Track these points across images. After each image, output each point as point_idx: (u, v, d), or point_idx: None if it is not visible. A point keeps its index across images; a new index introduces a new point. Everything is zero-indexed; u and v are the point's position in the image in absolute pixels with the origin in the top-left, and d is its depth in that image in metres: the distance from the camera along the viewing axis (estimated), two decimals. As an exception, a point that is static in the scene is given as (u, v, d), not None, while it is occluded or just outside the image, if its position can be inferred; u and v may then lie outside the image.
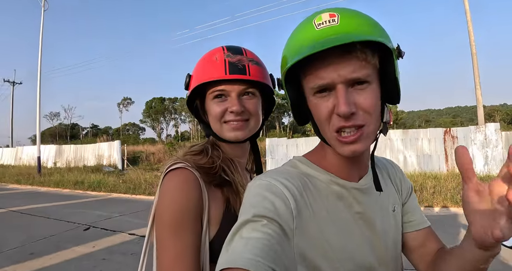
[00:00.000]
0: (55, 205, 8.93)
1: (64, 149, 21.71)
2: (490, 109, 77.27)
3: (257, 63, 0.97)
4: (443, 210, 6.90)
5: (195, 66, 1.00)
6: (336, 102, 0.59)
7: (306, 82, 0.64)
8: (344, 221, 0.68)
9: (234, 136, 0.94)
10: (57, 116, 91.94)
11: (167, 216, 0.81)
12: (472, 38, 12.40)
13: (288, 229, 0.59)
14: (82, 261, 4.42)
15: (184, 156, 0.92)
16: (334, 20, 0.60)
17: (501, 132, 9.65)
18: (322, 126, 0.65)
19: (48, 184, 13.63)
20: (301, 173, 0.70)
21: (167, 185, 0.85)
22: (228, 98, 0.94)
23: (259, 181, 0.66)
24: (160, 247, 0.81)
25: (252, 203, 0.61)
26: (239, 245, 0.53)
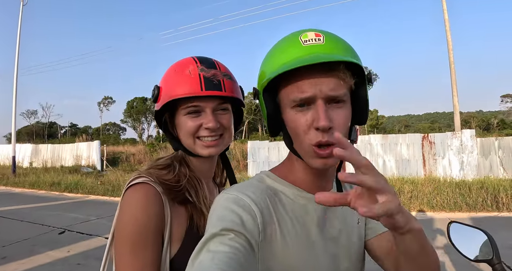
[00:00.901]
0: (30, 207, 8.66)
1: (40, 149, 21.03)
2: (467, 115, 79.64)
3: (230, 78, 0.96)
4: (420, 214, 7.05)
5: (165, 78, 0.96)
6: (316, 117, 0.61)
7: (287, 94, 0.65)
8: (309, 235, 0.70)
9: (207, 153, 0.94)
10: (34, 115, 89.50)
11: (125, 232, 0.79)
12: (450, 47, 12.74)
13: (254, 243, 0.60)
14: (56, 266, 4.31)
15: (148, 170, 0.90)
16: (320, 39, 0.65)
17: (476, 138, 9.94)
18: (298, 138, 0.66)
19: (23, 184, 13.19)
20: (268, 187, 0.71)
21: (127, 201, 0.83)
22: (203, 114, 0.92)
23: (226, 195, 0.67)
24: (118, 264, 0.79)
25: (219, 216, 0.62)
26: (206, 258, 0.53)
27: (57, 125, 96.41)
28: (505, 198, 7.16)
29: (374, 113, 77.73)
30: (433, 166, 10.23)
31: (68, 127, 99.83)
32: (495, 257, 0.91)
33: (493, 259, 0.91)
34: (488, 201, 7.18)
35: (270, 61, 0.69)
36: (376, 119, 75.90)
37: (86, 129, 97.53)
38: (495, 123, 76.05)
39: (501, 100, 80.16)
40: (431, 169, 10.24)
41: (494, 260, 0.91)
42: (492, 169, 9.65)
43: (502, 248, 3.38)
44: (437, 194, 7.72)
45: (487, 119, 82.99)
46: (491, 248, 0.93)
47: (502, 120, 76.61)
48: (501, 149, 9.68)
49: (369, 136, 11.38)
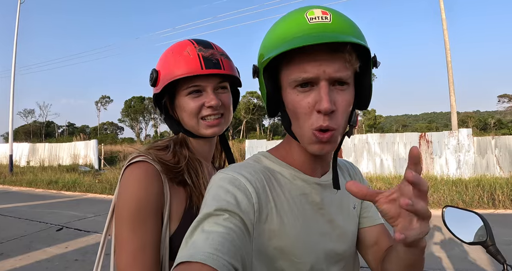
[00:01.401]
0: (27, 205, 8.63)
1: (38, 148, 20.93)
2: (464, 115, 79.83)
3: (227, 57, 0.97)
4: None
5: (161, 61, 0.96)
6: (319, 99, 0.60)
7: (288, 74, 0.63)
8: (306, 216, 0.69)
9: (211, 132, 0.94)
10: (31, 114, 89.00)
11: (125, 210, 0.80)
12: (447, 47, 12.79)
13: (249, 223, 0.60)
14: (54, 262, 4.31)
15: (147, 150, 0.91)
16: (327, 17, 0.61)
17: (473, 137, 9.98)
18: (297, 121, 0.64)
19: (20, 183, 13.15)
20: (264, 167, 0.71)
21: (127, 178, 0.84)
22: (204, 94, 0.93)
23: (222, 174, 0.66)
24: (118, 242, 0.80)
25: (214, 196, 0.61)
26: (200, 238, 0.53)
27: (54, 124, 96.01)
28: (501, 195, 7.21)
29: (372, 113, 77.83)
30: (430, 164, 10.26)
31: (65, 126, 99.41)
32: (489, 239, 0.93)
33: (487, 241, 0.93)
34: (485, 198, 7.23)
35: (273, 38, 0.65)
36: (374, 119, 76.00)
37: (83, 128, 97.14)
38: (492, 123, 76.31)
39: (498, 101, 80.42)
40: (428, 167, 10.27)
41: (488, 242, 0.93)
42: (489, 167, 9.69)
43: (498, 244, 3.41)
44: (433, 192, 7.76)
45: (484, 119, 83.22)
46: (485, 231, 0.95)
47: (499, 120, 76.90)
48: (497, 148, 9.72)
49: (367, 135, 11.40)
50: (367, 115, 77.19)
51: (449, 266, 3.86)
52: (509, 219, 6.17)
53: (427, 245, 0.75)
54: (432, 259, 4.02)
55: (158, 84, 0.95)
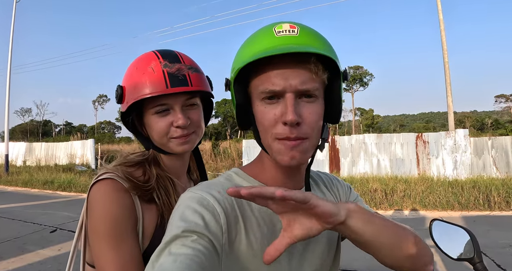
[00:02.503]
0: (22, 206, 8.58)
1: (34, 147, 20.82)
2: (461, 115, 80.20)
3: (196, 70, 0.93)
4: (412, 212, 7.08)
5: (127, 77, 0.92)
6: (284, 111, 0.60)
7: (256, 85, 0.63)
8: (276, 234, 0.66)
9: (182, 150, 0.92)
10: (28, 113, 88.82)
11: (102, 227, 0.78)
12: (444, 47, 12.80)
13: (217, 244, 0.58)
14: (47, 265, 4.27)
15: (116, 166, 0.88)
16: (294, 31, 0.62)
17: (470, 138, 9.99)
18: (264, 132, 0.64)
19: (16, 183, 13.07)
20: (234, 185, 0.69)
21: (95, 194, 0.82)
22: (172, 112, 0.89)
23: (190, 193, 0.64)
24: (100, 261, 0.77)
25: (181, 217, 0.59)
26: (167, 261, 0.51)
27: (51, 123, 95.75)
28: (497, 197, 7.21)
29: (370, 113, 78.01)
30: (427, 165, 10.27)
31: (62, 125, 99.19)
32: (477, 256, 0.90)
33: (474, 258, 0.90)
34: (480, 200, 7.22)
35: (243, 51, 0.66)
36: (372, 119, 76.19)
37: (81, 127, 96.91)
38: (489, 123, 76.63)
39: (495, 101, 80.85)
40: (425, 168, 10.28)
41: (476, 259, 0.90)
42: (485, 168, 9.71)
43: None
44: (429, 193, 7.76)
45: (481, 119, 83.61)
46: (472, 247, 0.92)
47: (496, 120, 77.24)
48: (494, 149, 9.74)
49: (364, 135, 11.40)
50: (365, 115, 77.37)
51: (443, 269, 3.86)
52: (504, 221, 6.17)
53: None
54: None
55: (124, 101, 0.92)
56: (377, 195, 7.93)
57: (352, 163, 11.15)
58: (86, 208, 0.84)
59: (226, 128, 73.24)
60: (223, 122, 74.76)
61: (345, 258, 4.56)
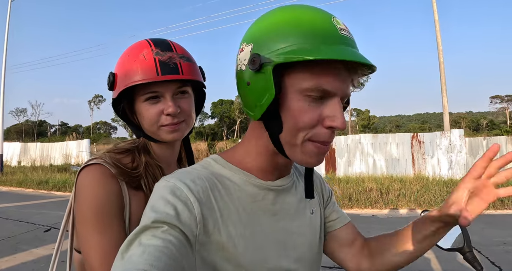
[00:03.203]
0: (16, 205, 8.53)
1: (29, 147, 20.68)
2: (457, 116, 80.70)
3: (188, 59, 0.92)
4: (407, 211, 7.11)
5: (119, 64, 0.92)
6: (332, 115, 0.57)
7: (299, 79, 0.56)
8: (257, 224, 0.66)
9: (171, 138, 0.91)
10: (23, 113, 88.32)
11: (88, 212, 0.77)
12: (440, 48, 12.87)
13: (190, 235, 0.56)
14: (40, 264, 4.25)
15: (104, 153, 0.88)
16: (349, 33, 0.59)
17: (465, 138, 10.05)
18: (295, 131, 0.58)
19: (10, 183, 12.97)
20: (212, 173, 0.66)
21: (83, 180, 0.81)
22: (162, 100, 0.89)
23: (164, 182, 0.62)
24: (85, 246, 0.77)
25: (153, 206, 0.57)
26: (136, 253, 0.50)
27: (46, 124, 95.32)
28: (491, 196, 7.24)
29: (366, 114, 78.28)
30: (422, 165, 10.32)
31: (58, 126, 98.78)
32: (466, 246, 0.91)
33: (464, 248, 0.91)
34: (475, 199, 7.26)
35: (300, 33, 0.55)
36: (368, 119, 76.47)
37: (76, 128, 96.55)
38: (484, 124, 77.14)
39: (490, 101, 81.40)
40: (420, 168, 10.33)
41: (465, 248, 0.90)
42: (480, 168, 9.76)
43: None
44: (425, 192, 7.79)
45: (476, 120, 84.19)
46: (462, 237, 0.92)
47: (491, 121, 77.82)
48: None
49: (360, 135, 11.43)
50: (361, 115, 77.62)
51: (438, 267, 3.87)
52: (498, 219, 6.21)
53: None
54: (421, 260, 4.02)
55: (115, 88, 0.91)
56: (372, 194, 7.96)
57: (348, 162, 11.18)
58: (74, 193, 0.84)
59: (223, 129, 73.18)
60: (220, 123, 74.71)
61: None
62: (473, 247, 0.93)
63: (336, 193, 7.99)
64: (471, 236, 0.94)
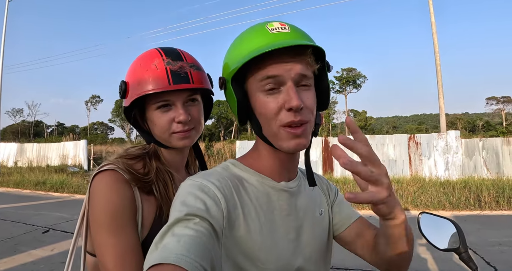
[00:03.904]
0: (14, 206, 8.50)
1: (26, 148, 20.58)
2: (453, 117, 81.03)
3: (197, 68, 0.96)
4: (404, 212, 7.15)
5: (130, 73, 0.95)
6: (288, 98, 0.64)
7: (255, 79, 0.67)
8: (272, 222, 0.71)
9: (183, 144, 0.95)
10: (20, 113, 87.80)
11: (102, 216, 0.81)
12: (436, 49, 12.96)
13: (218, 229, 0.61)
14: (39, 265, 4.25)
15: (117, 159, 0.91)
16: (285, 28, 0.68)
17: (461, 139, 10.12)
18: (268, 122, 0.68)
19: (7, 184, 12.93)
20: (232, 174, 0.73)
21: (97, 185, 0.85)
22: (173, 108, 0.93)
23: (191, 181, 0.68)
24: (100, 249, 0.80)
25: (184, 202, 0.62)
26: (172, 241, 0.54)
27: (43, 124, 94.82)
28: (487, 197, 7.32)
29: (363, 115, 78.40)
30: (419, 166, 10.38)
31: (55, 126, 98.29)
32: (462, 246, 0.94)
33: (460, 248, 0.94)
34: (471, 200, 7.33)
35: (238, 49, 0.69)
36: (365, 120, 76.57)
37: (73, 128, 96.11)
38: (481, 125, 77.49)
39: (486, 103, 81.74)
40: (417, 169, 10.38)
41: (461, 248, 0.94)
42: (476, 169, 9.84)
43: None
44: (421, 193, 7.85)
45: (472, 121, 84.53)
46: (458, 238, 0.96)
47: (487, 122, 78.17)
48: (485, 150, 9.87)
49: (357, 136, 11.44)
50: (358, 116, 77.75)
51: (434, 267, 3.91)
52: (494, 220, 6.27)
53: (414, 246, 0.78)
54: (417, 260, 4.07)
55: (127, 96, 0.95)
56: (369, 195, 7.98)
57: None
58: (88, 198, 0.87)
59: (220, 130, 73.12)
60: (217, 124, 74.64)
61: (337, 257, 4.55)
62: (469, 247, 0.96)
63: None
64: (467, 237, 0.98)
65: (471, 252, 4.49)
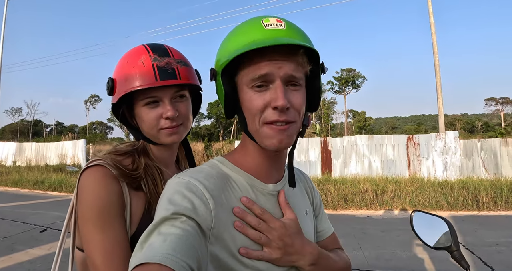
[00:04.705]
0: (12, 206, 8.48)
1: (25, 147, 20.52)
2: (452, 118, 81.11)
3: (185, 64, 0.96)
4: (402, 212, 7.16)
5: (117, 69, 0.95)
6: (274, 97, 0.63)
7: (245, 74, 0.66)
8: None
9: (171, 140, 0.95)
10: (18, 112, 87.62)
11: (90, 212, 0.81)
12: (435, 50, 12.98)
13: (206, 228, 0.60)
14: (36, 264, 4.24)
15: (105, 154, 0.91)
16: (281, 25, 0.67)
17: (460, 140, 10.12)
18: (252, 118, 0.67)
19: (5, 183, 12.90)
20: (220, 173, 0.71)
21: (85, 180, 0.85)
22: (161, 104, 0.92)
23: (178, 178, 0.67)
24: (88, 244, 0.80)
25: (171, 200, 0.61)
26: (157, 240, 0.53)
27: (42, 123, 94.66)
28: (485, 197, 7.33)
29: (362, 115, 78.44)
30: (417, 166, 10.38)
31: (53, 125, 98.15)
32: (454, 245, 0.94)
33: (451, 246, 0.94)
34: (469, 200, 7.34)
35: (231, 42, 0.68)
36: (364, 121, 76.61)
37: (72, 128, 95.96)
38: (479, 126, 77.57)
39: (485, 104, 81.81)
40: (416, 169, 10.38)
41: (453, 247, 0.94)
42: (475, 169, 9.85)
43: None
44: (419, 194, 7.85)
45: (471, 122, 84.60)
46: (450, 236, 0.96)
47: (486, 123, 78.29)
48: (483, 150, 9.88)
49: (355, 137, 11.46)
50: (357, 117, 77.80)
51: (431, 267, 3.92)
52: (492, 220, 6.28)
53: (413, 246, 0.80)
54: (414, 260, 4.08)
55: (114, 93, 0.94)
56: (367, 195, 8.00)
57: (344, 164, 11.22)
58: (76, 193, 0.87)
59: (219, 130, 73.04)
60: (216, 124, 74.58)
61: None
62: (467, 248, 0.96)
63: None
64: (464, 237, 0.98)
65: (469, 252, 4.51)
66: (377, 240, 5.07)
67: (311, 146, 11.45)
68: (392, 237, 5.12)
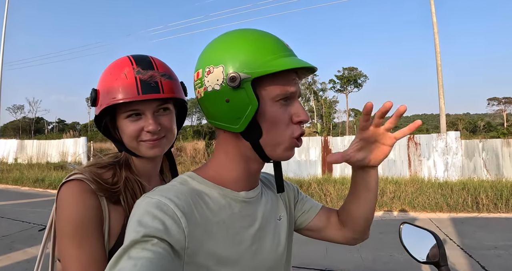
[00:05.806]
0: (11, 204, 8.51)
1: (26, 144, 20.57)
2: (454, 118, 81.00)
3: (169, 77, 0.94)
4: (401, 214, 7.14)
5: (101, 81, 0.94)
6: (296, 111, 0.70)
7: (272, 88, 0.67)
8: (236, 236, 0.69)
9: (152, 153, 0.93)
10: (20, 110, 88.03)
11: (67, 227, 0.80)
12: (437, 50, 12.93)
13: (179, 249, 0.58)
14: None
15: (85, 167, 0.90)
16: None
17: (461, 140, 10.08)
18: (278, 131, 0.68)
19: (6, 181, 12.93)
20: (191, 189, 0.69)
21: (63, 195, 0.84)
22: (143, 117, 0.91)
23: (148, 198, 0.63)
24: (65, 259, 0.80)
25: (140, 222, 0.58)
26: (128, 265, 0.51)
27: (44, 121, 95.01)
28: (485, 199, 7.30)
29: (364, 114, 78.15)
30: (418, 166, 10.35)
31: (55, 123, 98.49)
32: (441, 260, 0.93)
33: (439, 262, 0.93)
34: (469, 202, 7.31)
35: (264, 49, 0.66)
36: (366, 120, 76.38)
37: (74, 125, 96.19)
38: (482, 126, 77.38)
39: (488, 103, 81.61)
40: (416, 169, 10.36)
41: (441, 262, 0.93)
42: (476, 170, 9.81)
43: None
44: (419, 195, 7.82)
45: (474, 121, 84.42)
46: (437, 251, 0.95)
47: (489, 123, 78.08)
48: (484, 151, 9.84)
49: (356, 136, 11.43)
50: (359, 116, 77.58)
51: (429, 268, 3.90)
52: (491, 223, 6.25)
53: None
54: (412, 264, 4.05)
55: (97, 104, 0.93)
56: (367, 196, 7.97)
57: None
58: (55, 207, 0.86)
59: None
60: (218, 122, 74.36)
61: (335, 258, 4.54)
62: (465, 251, 0.95)
63: None
64: (463, 239, 0.97)
65: (467, 256, 4.49)
66: (375, 242, 5.05)
67: (312, 145, 11.44)
68: (390, 239, 5.10)
